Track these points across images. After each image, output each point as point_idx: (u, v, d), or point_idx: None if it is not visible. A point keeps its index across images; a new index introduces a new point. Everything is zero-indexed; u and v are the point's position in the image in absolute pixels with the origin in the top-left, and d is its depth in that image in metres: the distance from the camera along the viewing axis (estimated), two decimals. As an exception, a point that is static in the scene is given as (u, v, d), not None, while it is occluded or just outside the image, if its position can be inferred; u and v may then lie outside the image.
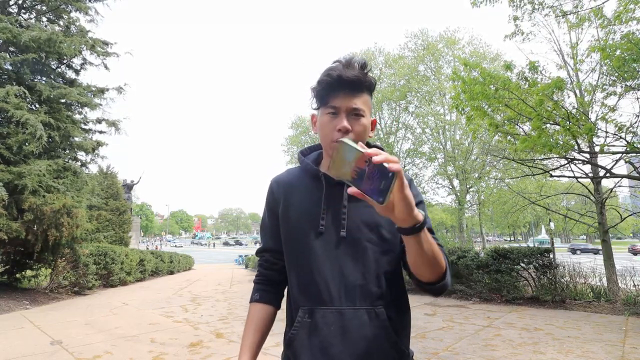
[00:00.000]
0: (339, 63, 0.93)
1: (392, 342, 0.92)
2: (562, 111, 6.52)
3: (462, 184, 21.68)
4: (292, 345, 0.95)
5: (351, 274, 0.92)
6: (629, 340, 4.47)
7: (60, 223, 6.94)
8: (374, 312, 0.91)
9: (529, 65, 6.63)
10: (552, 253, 7.21)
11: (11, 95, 6.75)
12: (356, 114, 0.93)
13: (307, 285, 0.95)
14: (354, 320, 0.90)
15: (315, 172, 1.01)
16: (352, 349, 0.88)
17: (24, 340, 4.42)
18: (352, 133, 0.91)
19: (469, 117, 7.18)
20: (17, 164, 6.98)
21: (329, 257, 0.93)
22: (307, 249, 0.95)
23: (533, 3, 7.06)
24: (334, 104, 0.92)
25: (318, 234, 0.95)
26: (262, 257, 1.08)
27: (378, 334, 0.91)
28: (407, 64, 23.33)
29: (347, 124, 0.91)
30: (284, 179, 1.07)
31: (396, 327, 0.95)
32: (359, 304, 0.91)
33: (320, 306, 0.92)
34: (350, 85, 0.91)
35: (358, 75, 0.91)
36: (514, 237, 72.50)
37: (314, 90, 0.97)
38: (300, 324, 0.94)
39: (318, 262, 0.94)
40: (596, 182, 8.32)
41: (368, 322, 0.90)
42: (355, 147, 0.64)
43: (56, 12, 8.45)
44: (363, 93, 0.94)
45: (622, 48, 5.53)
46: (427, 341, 4.48)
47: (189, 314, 6.27)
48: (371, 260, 0.93)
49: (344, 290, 0.91)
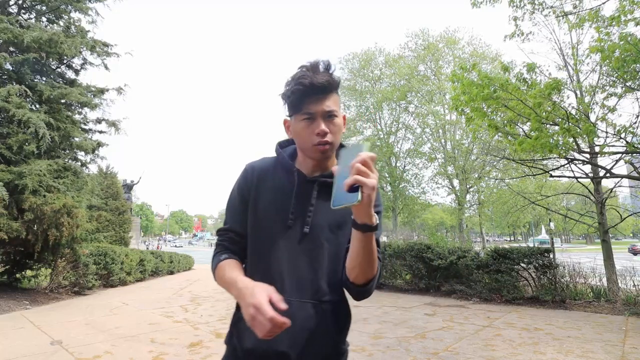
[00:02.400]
0: (305, 69, 0.97)
1: (332, 338, 0.99)
2: (562, 112, 6.52)
3: (462, 184, 21.68)
4: (239, 325, 1.01)
5: (306, 269, 0.98)
6: (629, 340, 4.47)
7: (61, 223, 6.93)
8: (320, 307, 0.97)
9: (526, 67, 6.63)
10: (552, 253, 7.21)
11: (12, 94, 6.75)
12: (330, 115, 0.97)
13: (264, 272, 0.99)
14: (300, 312, 0.95)
15: (290, 166, 1.05)
16: (294, 338, 0.94)
17: (24, 340, 4.42)
18: (329, 134, 0.97)
19: (469, 118, 7.18)
20: (17, 163, 6.98)
21: (290, 250, 0.99)
22: (272, 239, 1.00)
23: (533, 3, 7.06)
24: (309, 110, 0.96)
25: (286, 227, 1.00)
26: (226, 235, 1.08)
27: (320, 327, 0.96)
28: (408, 64, 23.34)
29: (325, 128, 0.96)
30: (259, 166, 1.10)
31: (337, 322, 1.01)
32: (308, 297, 0.97)
33: None
34: (321, 89, 0.95)
35: (327, 79, 0.96)
36: (514, 237, 72.47)
37: (286, 98, 1.00)
38: None
39: (279, 253, 0.99)
40: (596, 182, 8.32)
41: (313, 315, 0.96)
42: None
43: (56, 12, 8.45)
44: (332, 93, 0.99)
45: (621, 49, 5.53)
46: (427, 341, 4.48)
47: (189, 314, 6.27)
48: (326, 258, 0.99)
49: (296, 283, 0.97)
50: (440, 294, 8.17)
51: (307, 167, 1.04)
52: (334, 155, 1.07)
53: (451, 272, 8.00)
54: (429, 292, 8.38)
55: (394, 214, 23.43)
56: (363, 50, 25.61)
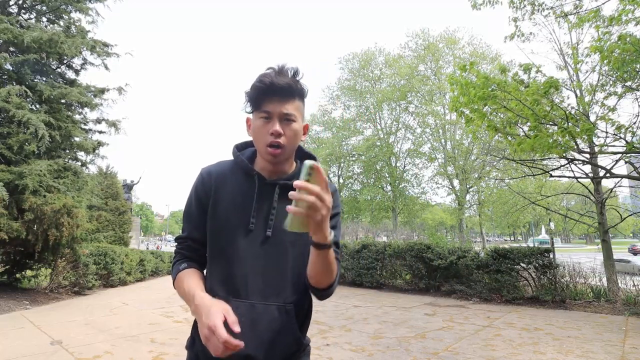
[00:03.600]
0: (272, 70, 0.98)
1: (296, 336, 1.00)
2: (561, 112, 6.51)
3: (462, 184, 21.68)
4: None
5: (269, 272, 0.99)
6: (629, 340, 4.47)
7: (61, 223, 6.93)
8: (284, 309, 0.98)
9: (523, 67, 6.63)
10: (552, 253, 7.21)
11: (13, 95, 6.75)
12: (287, 119, 0.98)
13: (227, 277, 0.99)
14: (265, 315, 0.97)
15: (249, 169, 1.04)
16: (259, 340, 0.95)
17: (24, 340, 4.42)
18: (284, 136, 0.97)
19: (468, 119, 7.18)
20: (17, 163, 6.98)
21: (253, 253, 0.99)
22: (233, 243, 1.00)
23: (533, 4, 7.06)
24: (266, 108, 0.97)
25: (248, 231, 1.00)
26: (185, 243, 1.08)
27: (284, 328, 0.98)
28: (408, 64, 23.34)
29: (279, 128, 0.96)
30: (216, 170, 1.08)
31: (300, 322, 1.03)
32: (272, 300, 0.98)
33: (235, 298, 0.97)
34: (281, 91, 0.96)
35: (289, 82, 0.96)
36: (514, 237, 72.48)
37: (248, 95, 1.01)
38: None
39: (241, 257, 0.99)
40: (596, 182, 8.32)
41: (277, 317, 0.97)
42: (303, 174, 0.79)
43: (56, 12, 8.45)
44: (294, 99, 0.99)
45: (620, 49, 5.53)
46: (427, 341, 4.48)
47: (189, 314, 6.26)
48: (289, 261, 1.00)
49: (261, 286, 0.98)
50: (440, 294, 8.17)
51: (267, 170, 1.04)
52: (292, 157, 1.07)
53: (451, 272, 8.00)
54: (429, 292, 8.38)
55: (394, 214, 23.43)
56: (363, 50, 25.62)
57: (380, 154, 23.52)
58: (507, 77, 6.83)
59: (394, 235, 18.42)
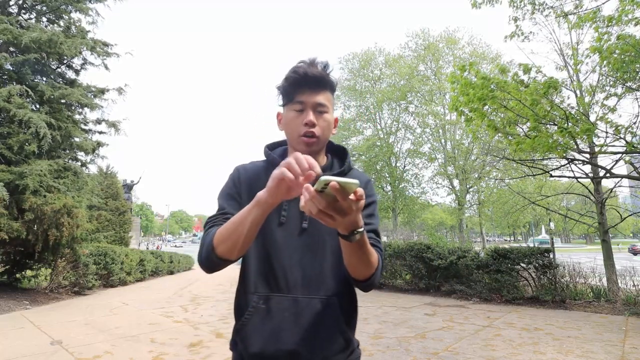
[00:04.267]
0: (303, 63, 0.99)
1: (341, 331, 0.97)
2: (561, 112, 6.51)
3: (462, 184, 21.69)
4: (244, 330, 0.97)
5: (309, 264, 0.97)
6: (629, 340, 4.47)
7: (61, 223, 6.94)
8: (327, 302, 0.96)
9: (522, 68, 6.63)
10: (552, 253, 7.21)
11: (14, 94, 6.76)
12: (320, 110, 0.98)
13: (266, 272, 0.97)
14: (308, 309, 0.94)
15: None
16: (303, 335, 0.92)
17: (24, 340, 4.42)
18: (317, 127, 0.97)
19: (468, 119, 7.18)
20: (18, 163, 6.98)
21: (290, 246, 0.97)
22: (270, 238, 0.99)
23: (533, 4, 7.05)
24: (300, 99, 0.97)
25: (279, 224, 0.99)
26: (224, 216, 0.98)
27: (329, 323, 0.95)
28: (408, 64, 23.34)
29: (313, 118, 0.96)
30: (251, 168, 1.08)
31: (346, 317, 0.99)
32: (314, 293, 0.95)
33: (276, 293, 0.95)
34: (314, 81, 0.96)
35: (322, 73, 0.97)
36: (514, 237, 72.50)
37: (281, 88, 1.01)
38: (254, 310, 0.96)
39: (278, 250, 0.97)
40: (596, 182, 8.32)
41: (321, 311, 0.95)
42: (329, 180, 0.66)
43: (56, 12, 8.45)
44: (326, 90, 1.00)
45: (620, 49, 5.53)
46: (427, 341, 4.48)
47: (189, 314, 6.27)
48: (329, 252, 0.97)
49: (300, 279, 0.96)
50: (440, 294, 8.17)
51: None
52: (323, 150, 1.06)
53: (451, 272, 8.00)
54: (429, 292, 8.38)
55: (394, 214, 23.44)
56: (363, 50, 25.61)
57: (380, 154, 23.52)
58: (506, 77, 6.83)
59: (393, 235, 18.42)
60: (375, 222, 1.02)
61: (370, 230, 0.98)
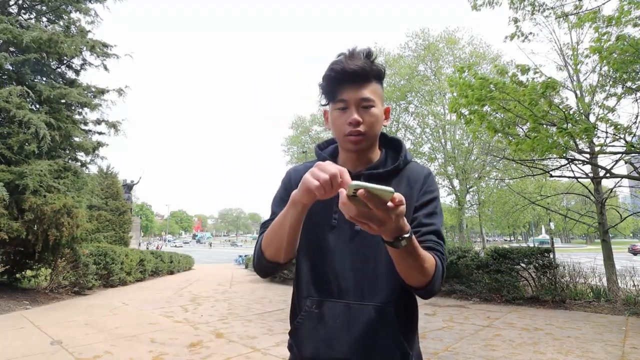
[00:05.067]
0: (343, 56, 0.92)
1: (398, 342, 0.91)
2: (560, 112, 6.51)
3: (462, 184, 21.68)
4: (297, 334, 0.96)
5: (363, 269, 0.92)
6: (629, 340, 4.47)
7: (61, 223, 6.94)
8: (381, 309, 0.90)
9: (520, 68, 6.63)
10: (552, 253, 7.21)
11: (13, 95, 6.76)
12: (366, 105, 0.91)
13: (319, 276, 0.94)
14: (361, 316, 0.89)
15: None
16: (356, 344, 0.88)
17: (24, 340, 4.42)
18: (363, 124, 0.91)
19: (468, 120, 7.18)
20: (18, 163, 6.98)
21: (342, 250, 0.93)
22: (321, 241, 0.95)
23: (533, 5, 7.05)
24: (342, 97, 0.91)
25: (331, 227, 0.95)
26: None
27: (384, 332, 0.89)
28: (408, 64, 23.34)
29: (357, 117, 0.90)
30: (301, 170, 1.05)
31: (402, 327, 0.93)
32: (368, 299, 0.90)
33: (329, 298, 0.92)
34: (355, 76, 0.89)
35: (363, 65, 0.89)
36: (514, 237, 72.50)
37: (321, 87, 0.95)
38: (307, 314, 0.94)
39: (331, 254, 0.94)
40: (596, 182, 8.32)
41: (375, 319, 0.89)
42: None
43: (56, 12, 8.45)
44: (371, 82, 0.92)
45: (619, 49, 5.53)
46: (427, 341, 4.48)
47: (189, 314, 6.27)
48: (383, 257, 0.90)
49: (353, 285, 0.91)
50: (440, 294, 8.17)
51: (350, 162, 0.99)
52: (376, 145, 1.01)
53: (451, 272, 8.00)
54: (429, 292, 8.38)
55: (394, 214, 23.40)
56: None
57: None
58: (505, 77, 6.83)
59: (394, 235, 18.35)
60: (436, 222, 0.95)
61: (429, 232, 0.92)
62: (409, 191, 0.96)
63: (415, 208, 0.94)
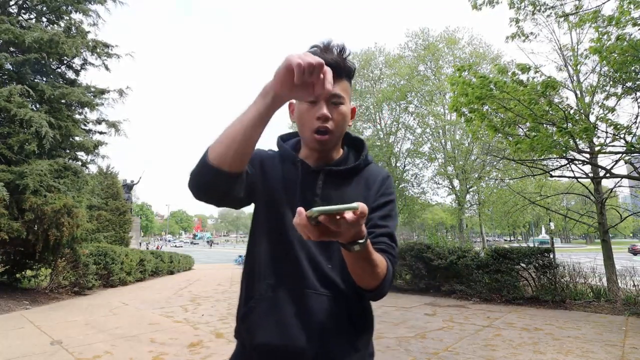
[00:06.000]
0: (317, 48, 0.89)
1: (350, 338, 0.91)
2: (560, 112, 6.52)
3: (462, 184, 21.69)
4: (249, 318, 0.92)
5: (324, 260, 0.92)
6: (629, 340, 4.47)
7: (61, 223, 6.94)
8: (338, 301, 0.90)
9: (520, 68, 6.63)
10: (552, 253, 7.21)
11: (14, 94, 6.76)
12: (335, 101, 0.90)
13: (276, 260, 0.93)
14: (318, 305, 0.89)
15: (293, 158, 0.98)
16: (311, 333, 0.87)
17: (24, 340, 4.42)
18: (332, 121, 0.89)
19: (468, 119, 7.19)
20: (18, 163, 6.98)
21: (301, 240, 0.91)
22: (282, 223, 0.94)
23: (534, 4, 7.06)
24: None
25: (292, 210, 0.92)
26: None
27: (339, 322, 0.90)
28: (408, 64, 23.35)
29: (326, 112, 0.88)
30: (265, 154, 1.03)
31: (359, 321, 0.94)
32: (325, 288, 0.90)
33: (286, 284, 0.91)
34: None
35: (337, 60, 0.88)
36: (514, 237, 72.49)
37: None
38: (261, 297, 0.91)
39: (291, 238, 0.92)
40: (596, 182, 8.32)
41: (331, 310, 0.89)
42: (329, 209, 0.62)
43: (56, 13, 8.45)
44: (342, 79, 0.91)
45: (619, 49, 5.53)
46: (427, 341, 4.48)
47: (189, 314, 6.27)
48: (337, 252, 0.90)
49: (312, 273, 0.90)
50: (440, 294, 8.17)
51: (312, 158, 0.98)
52: (339, 144, 1.00)
53: (451, 272, 8.00)
54: (429, 292, 8.38)
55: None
56: (363, 50, 25.60)
57: (380, 154, 23.52)
58: (505, 77, 6.83)
59: (394, 235, 18.37)
60: (390, 225, 0.94)
61: (383, 234, 0.91)
62: (366, 192, 0.97)
63: (372, 209, 0.93)
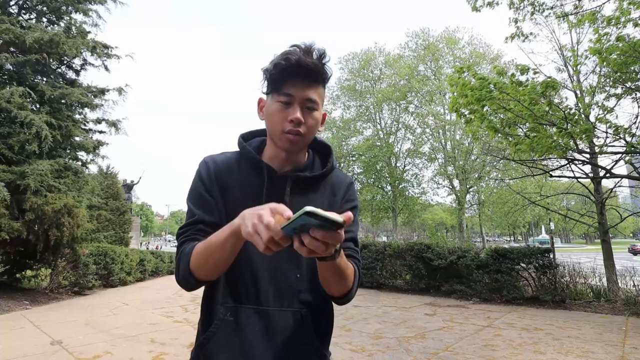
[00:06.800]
0: (297, 48, 0.85)
1: (315, 347, 0.90)
2: (560, 112, 6.52)
3: (462, 184, 21.69)
4: (208, 345, 0.88)
5: (284, 275, 0.88)
6: (629, 340, 4.48)
7: (61, 223, 6.94)
8: (299, 315, 0.88)
9: (519, 69, 6.64)
10: (552, 253, 7.21)
11: (15, 95, 6.76)
12: (310, 106, 0.87)
13: (235, 282, 0.89)
14: (281, 322, 0.87)
15: (257, 161, 0.92)
16: (274, 351, 0.85)
17: (24, 340, 4.43)
18: (304, 125, 0.86)
19: (468, 120, 7.19)
20: (18, 163, 6.99)
21: (263, 255, 0.85)
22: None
23: (533, 4, 7.06)
24: (288, 91, 0.84)
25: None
26: (196, 227, 0.89)
27: (302, 337, 0.88)
28: (408, 64, 23.37)
29: (300, 116, 0.84)
30: (221, 160, 0.95)
31: (320, 331, 0.92)
32: (287, 305, 0.88)
33: (246, 305, 0.87)
34: (308, 73, 0.84)
35: (317, 64, 0.85)
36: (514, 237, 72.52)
37: (267, 73, 0.87)
38: (220, 322, 0.88)
39: (250, 258, 0.88)
40: (596, 182, 8.32)
41: (294, 325, 0.87)
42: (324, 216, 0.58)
43: (57, 13, 8.46)
44: (318, 85, 0.88)
45: (618, 50, 5.53)
46: (427, 341, 4.48)
47: (189, 314, 6.27)
48: (304, 263, 0.89)
49: (273, 290, 0.88)
50: (440, 294, 8.17)
51: (277, 161, 0.93)
52: (305, 148, 0.96)
53: (451, 272, 8.00)
54: (429, 292, 8.38)
55: (394, 214, 23.44)
56: (363, 50, 25.64)
57: (380, 154, 23.54)
58: (505, 78, 6.84)
59: (393, 235, 18.42)
60: (354, 230, 0.93)
61: (348, 239, 0.90)
62: (331, 198, 0.96)
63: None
